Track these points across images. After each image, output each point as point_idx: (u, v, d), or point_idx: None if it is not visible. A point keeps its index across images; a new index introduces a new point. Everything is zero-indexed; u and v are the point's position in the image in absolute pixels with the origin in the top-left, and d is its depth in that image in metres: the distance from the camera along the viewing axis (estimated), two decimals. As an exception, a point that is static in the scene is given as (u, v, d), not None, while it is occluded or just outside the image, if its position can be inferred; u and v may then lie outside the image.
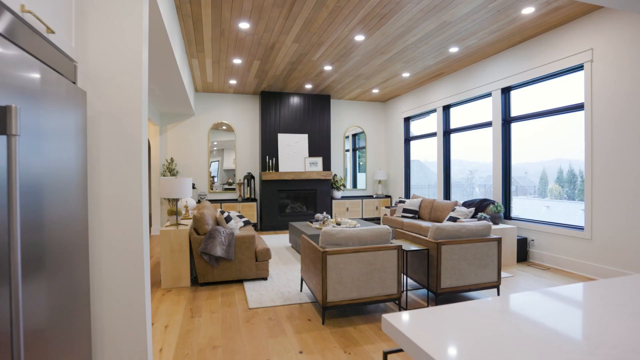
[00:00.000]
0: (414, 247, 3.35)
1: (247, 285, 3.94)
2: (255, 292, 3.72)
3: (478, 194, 6.70)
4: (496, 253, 3.47)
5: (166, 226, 4.08)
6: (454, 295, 3.60)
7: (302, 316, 3.11)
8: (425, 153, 8.10)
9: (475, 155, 6.67)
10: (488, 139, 6.26)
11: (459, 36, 4.90)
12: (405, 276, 3.45)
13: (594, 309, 1.04)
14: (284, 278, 4.23)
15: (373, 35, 4.85)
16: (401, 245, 3.14)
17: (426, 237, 5.21)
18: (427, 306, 3.31)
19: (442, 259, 3.27)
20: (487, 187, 6.49)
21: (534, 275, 4.35)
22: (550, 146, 5.07)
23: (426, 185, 8.16)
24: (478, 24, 4.51)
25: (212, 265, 3.91)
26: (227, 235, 4.01)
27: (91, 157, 1.64)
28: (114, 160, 1.66)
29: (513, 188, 6.20)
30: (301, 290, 3.74)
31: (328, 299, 2.94)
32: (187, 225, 4.17)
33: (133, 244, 1.76)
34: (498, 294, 3.51)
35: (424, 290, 3.80)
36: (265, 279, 4.18)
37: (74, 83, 1.59)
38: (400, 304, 3.16)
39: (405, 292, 3.16)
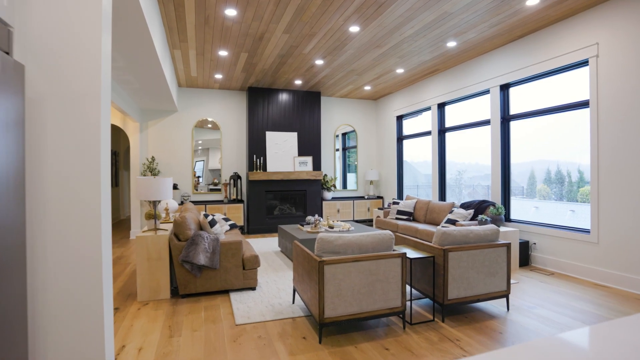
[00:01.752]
0: (418, 255, 3.06)
1: (234, 297, 3.58)
2: (242, 305, 3.36)
3: (465, 195, 6.55)
4: (505, 260, 3.21)
5: (143, 231, 3.68)
6: (461, 307, 3.32)
7: (296, 333, 2.78)
8: (412, 153, 7.96)
9: (462, 155, 6.53)
10: (477, 139, 6.12)
11: (458, 29, 4.65)
12: (410, 287, 3.16)
13: None
14: (274, 288, 3.88)
15: (369, 27, 4.55)
16: (405, 253, 2.84)
17: (428, 241, 4.95)
18: (433, 319, 3.03)
19: (449, 267, 2.99)
20: (475, 188, 6.36)
21: (539, 281, 4.12)
22: (540, 147, 5.02)
23: (414, 186, 7.97)
24: (479, 15, 4.27)
25: (195, 274, 3.54)
26: (212, 242, 3.64)
27: (31, 151, 1.27)
28: (64, 155, 1.30)
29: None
30: (293, 302, 3.40)
31: (325, 315, 2.62)
32: (167, 230, 3.78)
33: (89, 256, 1.41)
34: (507, 305, 3.25)
35: (427, 300, 3.52)
36: (253, 288, 3.82)
37: (7, 53, 1.22)
38: (405, 318, 2.86)
39: (410, 302, 2.87)
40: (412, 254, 3.11)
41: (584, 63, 4.27)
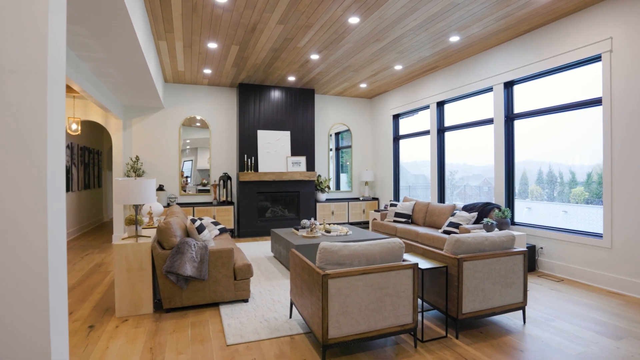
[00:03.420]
0: (430, 265, 2.78)
1: (224, 310, 3.25)
2: (234, 320, 3.03)
3: (456, 196, 6.38)
4: (522, 269, 2.95)
5: (123, 239, 3.32)
6: (474, 321, 3.05)
7: (296, 356, 2.46)
8: (402, 153, 7.80)
9: (451, 156, 6.38)
10: (470, 139, 6.02)
11: (462, 22, 4.39)
12: (421, 300, 2.87)
13: None
14: (269, 299, 3.56)
15: (369, 18, 4.26)
16: (417, 264, 2.55)
17: (437, 248, 4.67)
18: (446, 335, 2.75)
19: (463, 278, 2.71)
20: (464, 189, 6.20)
21: (550, 288, 3.89)
22: (532, 148, 4.95)
23: (406, 187, 7.78)
24: (486, 7, 4.02)
25: (181, 286, 3.19)
26: (199, 250, 3.30)
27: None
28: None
29: (485, 189, 5.89)
30: (290, 317, 3.09)
31: (330, 335, 2.31)
32: (149, 237, 3.42)
33: (31, 284, 1.07)
34: (524, 317, 2.99)
35: (435, 311, 3.24)
36: (246, 300, 3.49)
37: None
38: (416, 335, 2.57)
39: (422, 316, 2.57)
40: (422, 263, 2.83)
41: (596, 59, 4.05)
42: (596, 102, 4.05)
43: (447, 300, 2.78)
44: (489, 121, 5.45)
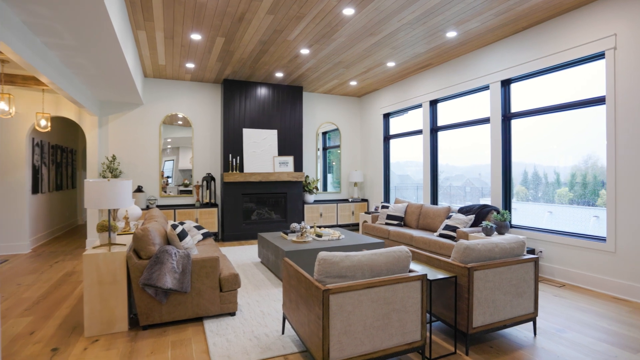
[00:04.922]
0: (438, 275, 2.54)
1: (209, 326, 2.93)
2: (220, 338, 2.71)
3: (440, 197, 6.25)
4: (533, 277, 2.75)
5: (94, 247, 2.95)
6: (484, 335, 2.82)
7: (292, 381, 2.18)
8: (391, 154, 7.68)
9: (441, 157, 6.26)
10: (458, 140, 5.91)
11: (461, 16, 4.19)
12: (429, 314, 2.63)
13: None
14: (258, 311, 3.26)
15: (365, 9, 4.02)
16: (426, 275, 2.31)
17: (435, 253, 4.43)
18: (455, 352, 2.51)
19: (474, 288, 2.49)
20: (450, 189, 6.10)
21: (553, 295, 3.73)
22: (519, 149, 4.91)
23: (392, 188, 7.62)
24: (487, 1, 3.83)
25: (160, 300, 2.85)
26: (181, 259, 2.97)
27: None
28: None
29: (468, 189, 5.78)
30: (283, 332, 2.80)
31: (331, 358, 2.04)
32: (125, 244, 3.07)
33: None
34: (534, 329, 2.79)
35: (439, 323, 3.01)
36: (232, 314, 3.18)
37: None
38: (424, 354, 2.32)
39: (430, 332, 2.32)
40: (429, 273, 2.59)
41: (599, 56, 3.92)
42: (597, 101, 3.92)
43: (456, 313, 2.55)
44: (485, 120, 5.29)
